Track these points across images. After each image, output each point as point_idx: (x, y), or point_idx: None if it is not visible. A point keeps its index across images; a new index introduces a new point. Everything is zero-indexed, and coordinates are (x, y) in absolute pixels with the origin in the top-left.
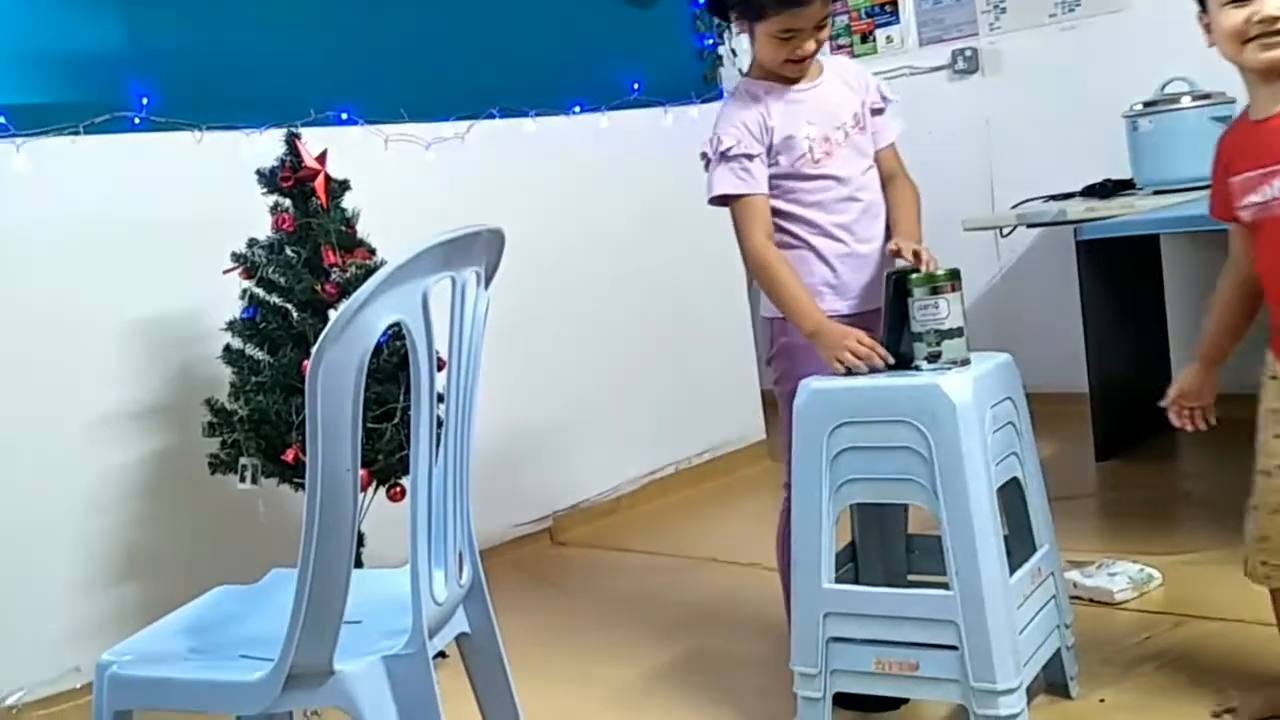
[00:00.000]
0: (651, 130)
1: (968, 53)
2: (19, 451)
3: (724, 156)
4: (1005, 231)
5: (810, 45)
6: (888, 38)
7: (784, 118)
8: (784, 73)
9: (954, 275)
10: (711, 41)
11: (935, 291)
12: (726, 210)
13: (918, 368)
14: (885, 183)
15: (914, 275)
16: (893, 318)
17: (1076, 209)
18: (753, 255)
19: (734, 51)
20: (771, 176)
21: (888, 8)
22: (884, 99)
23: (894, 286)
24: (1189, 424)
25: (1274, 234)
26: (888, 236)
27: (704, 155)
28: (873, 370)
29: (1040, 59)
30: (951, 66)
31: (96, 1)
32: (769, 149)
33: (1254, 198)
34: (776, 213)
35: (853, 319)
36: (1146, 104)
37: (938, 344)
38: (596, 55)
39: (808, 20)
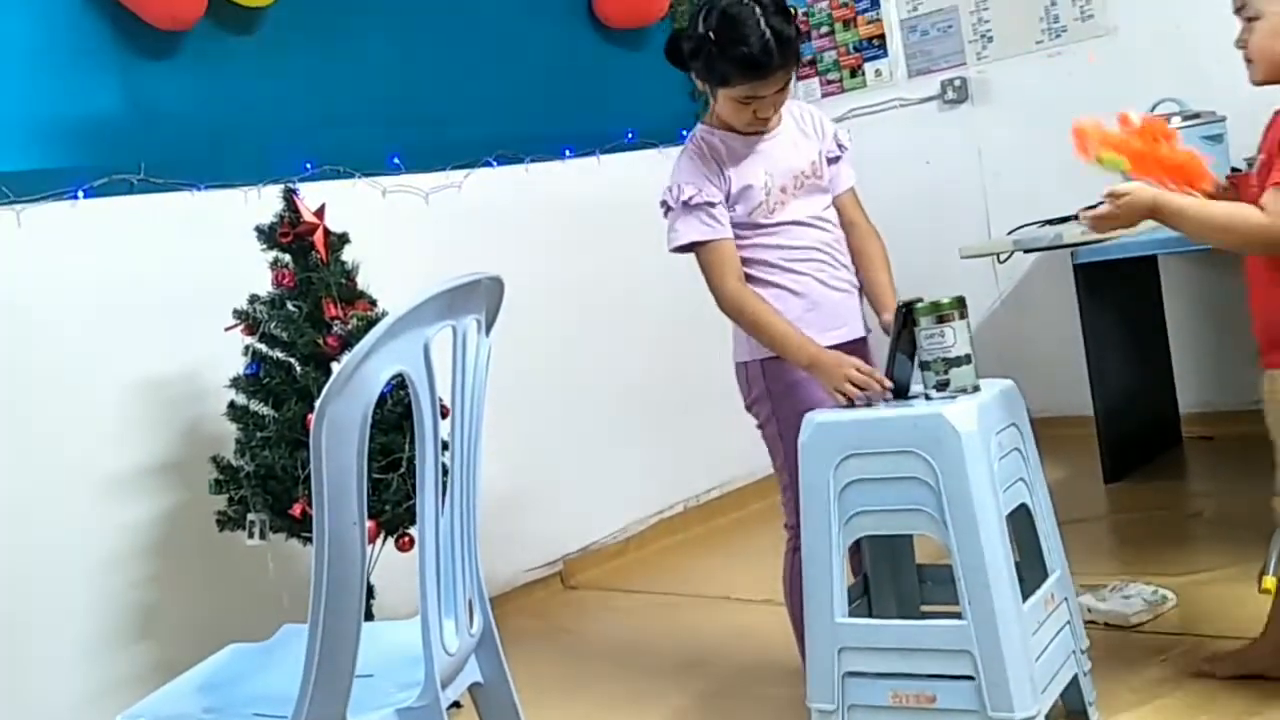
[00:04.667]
0: (645, 170)
1: (957, 82)
2: (27, 514)
3: (686, 206)
4: (1003, 258)
5: (769, 110)
6: (876, 71)
7: (741, 168)
8: (746, 131)
9: (959, 303)
10: None
11: (941, 320)
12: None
13: (927, 396)
14: (846, 230)
15: (919, 304)
16: (900, 347)
17: (1073, 233)
18: (730, 300)
19: None
20: (735, 224)
21: (875, 41)
22: (840, 147)
23: (901, 316)
24: None
25: None
26: (858, 275)
27: (664, 204)
28: (869, 401)
29: (1029, 85)
30: (941, 97)
31: (91, 67)
32: (727, 196)
33: None
34: (743, 259)
35: None
36: None
37: (945, 372)
38: (589, 97)
39: (769, 88)
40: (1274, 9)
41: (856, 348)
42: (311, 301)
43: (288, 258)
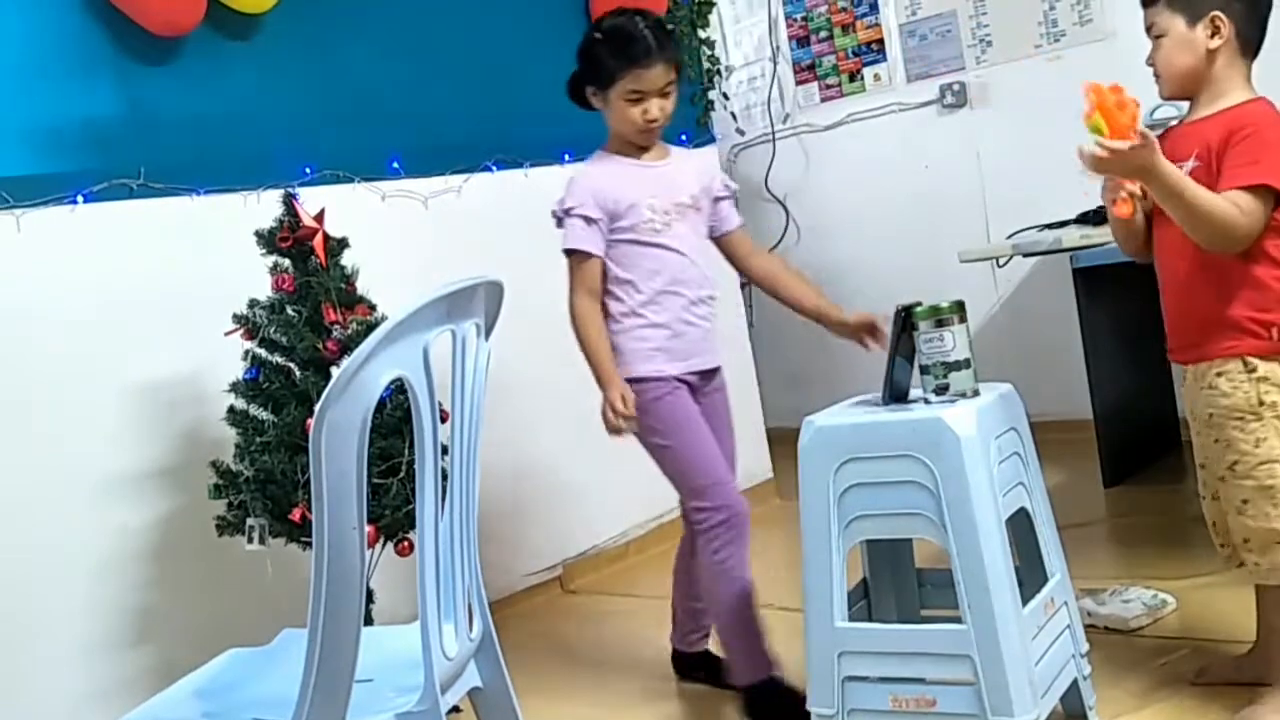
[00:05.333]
0: None
1: (955, 87)
2: (27, 518)
3: (569, 214)
4: (1002, 262)
5: (655, 110)
6: (875, 76)
7: (629, 188)
8: (638, 140)
9: (959, 307)
10: (703, 86)
11: (940, 324)
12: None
13: (926, 400)
14: (748, 258)
15: (919, 308)
16: (899, 351)
17: (1071, 237)
18: (577, 313)
19: (725, 96)
20: (616, 242)
21: (874, 46)
22: (727, 188)
23: (900, 321)
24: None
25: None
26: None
27: (554, 214)
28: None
29: (1028, 90)
30: (940, 101)
31: (89, 72)
32: (611, 215)
33: None
34: (618, 279)
35: (684, 380)
36: None
37: (945, 376)
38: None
39: (652, 82)
40: (1176, 27)
41: (711, 375)
42: (311, 306)
43: (287, 262)
